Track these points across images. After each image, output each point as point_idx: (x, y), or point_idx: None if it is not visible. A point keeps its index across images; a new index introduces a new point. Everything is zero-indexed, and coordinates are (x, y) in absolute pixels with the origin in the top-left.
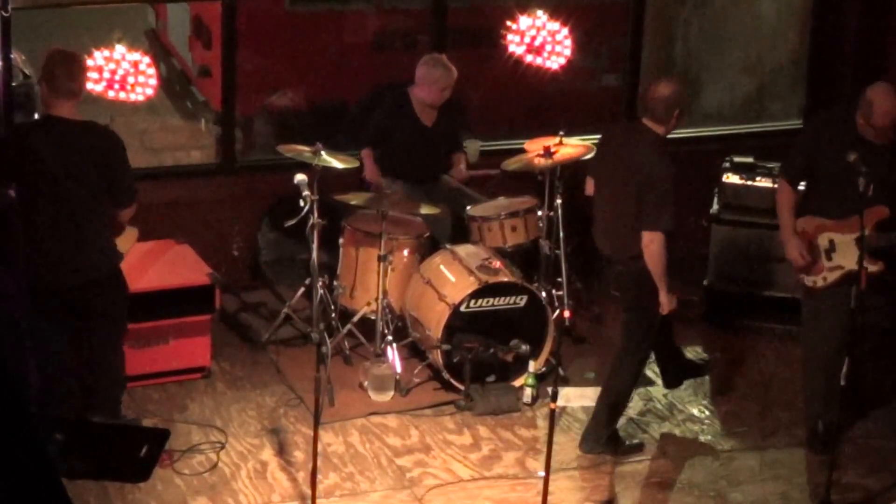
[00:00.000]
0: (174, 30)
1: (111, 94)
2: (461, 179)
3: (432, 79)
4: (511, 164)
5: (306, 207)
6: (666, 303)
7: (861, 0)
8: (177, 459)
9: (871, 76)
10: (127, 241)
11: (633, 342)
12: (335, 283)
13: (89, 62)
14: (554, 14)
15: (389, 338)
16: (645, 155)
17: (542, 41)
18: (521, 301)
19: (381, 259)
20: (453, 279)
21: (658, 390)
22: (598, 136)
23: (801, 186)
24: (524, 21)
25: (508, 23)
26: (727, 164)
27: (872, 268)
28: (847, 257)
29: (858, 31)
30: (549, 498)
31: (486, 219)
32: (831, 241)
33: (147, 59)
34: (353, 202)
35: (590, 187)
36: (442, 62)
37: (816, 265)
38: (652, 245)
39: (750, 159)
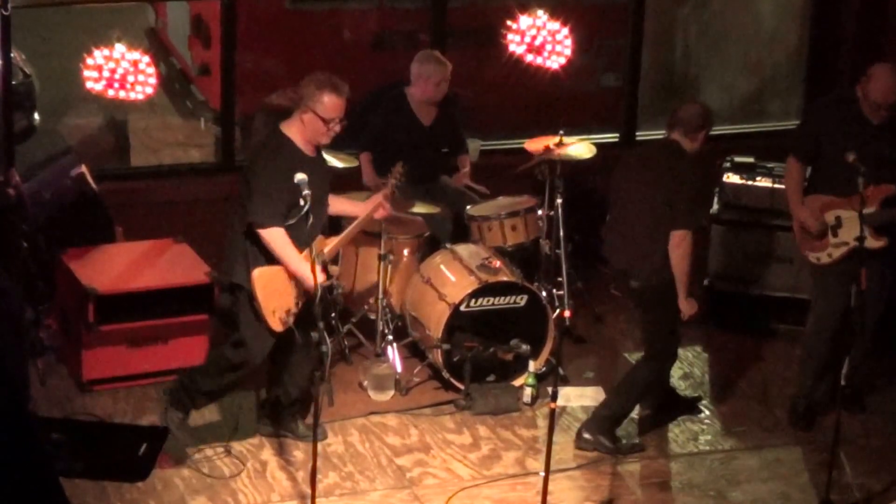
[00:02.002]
0: (174, 28)
1: (111, 92)
2: (459, 184)
3: (426, 74)
4: (521, 169)
5: (306, 207)
6: (686, 308)
7: (859, 1)
8: (180, 462)
9: (864, 72)
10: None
11: (654, 349)
12: (335, 282)
13: (89, 61)
14: (554, 14)
15: (389, 337)
16: (673, 163)
17: (542, 41)
18: (522, 301)
19: (381, 258)
20: (453, 279)
21: None
22: (625, 158)
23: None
24: (524, 21)
25: (509, 22)
26: (727, 164)
27: (877, 243)
28: (853, 233)
29: (857, 31)
30: (549, 498)
31: (486, 218)
32: (838, 218)
33: (147, 58)
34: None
35: None
36: (434, 56)
37: (822, 241)
38: (683, 244)
39: (750, 159)
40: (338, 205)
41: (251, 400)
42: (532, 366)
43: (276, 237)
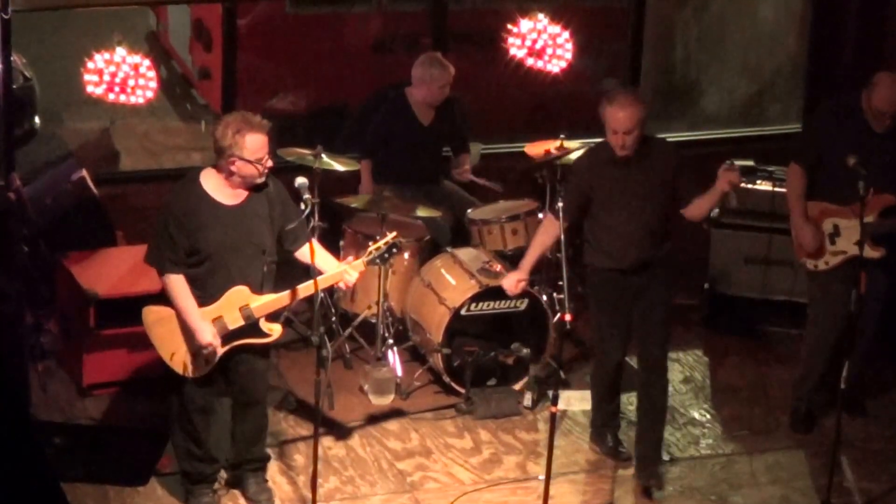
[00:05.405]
0: (175, 32)
1: (111, 96)
2: (462, 180)
3: (430, 78)
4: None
5: (307, 210)
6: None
7: (859, 4)
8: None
9: (869, 79)
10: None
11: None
12: (341, 287)
13: (90, 65)
14: (555, 17)
15: (390, 341)
16: (670, 152)
17: (542, 44)
18: (522, 304)
19: (383, 264)
20: (454, 282)
21: None
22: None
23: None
24: (525, 24)
25: (509, 26)
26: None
27: (874, 253)
28: (850, 242)
29: (857, 34)
30: (550, 502)
31: (486, 222)
32: (836, 226)
33: (147, 62)
34: (353, 205)
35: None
36: (438, 60)
37: (819, 248)
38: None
39: (750, 162)
40: (310, 257)
41: None
42: (533, 369)
43: (173, 285)
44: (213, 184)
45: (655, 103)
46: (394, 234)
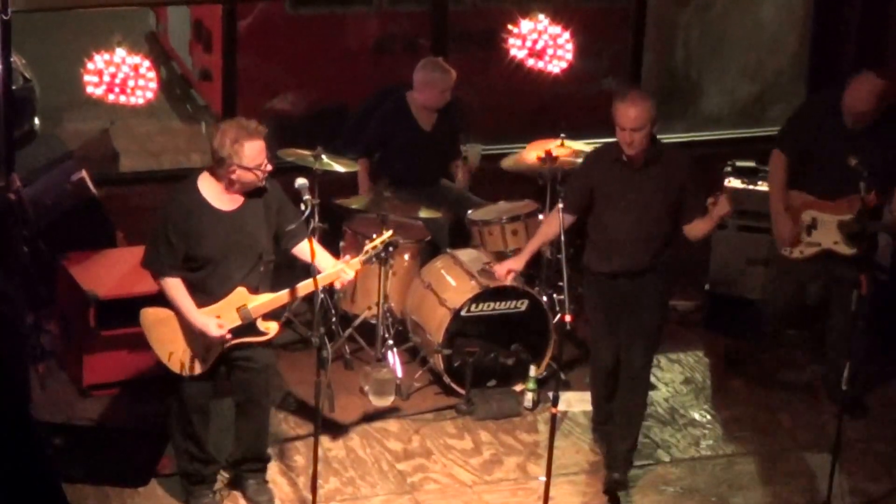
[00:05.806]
0: (175, 33)
1: (111, 97)
2: (462, 187)
3: (432, 82)
4: (507, 163)
5: (307, 211)
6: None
7: (861, 4)
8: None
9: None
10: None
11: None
12: (336, 287)
13: (90, 65)
14: (555, 18)
15: (390, 342)
16: (682, 164)
17: (543, 45)
18: (523, 305)
19: (381, 263)
20: (454, 283)
21: (659, 395)
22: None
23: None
24: (525, 25)
25: (510, 26)
26: (729, 169)
27: (849, 251)
28: (826, 236)
29: (858, 35)
30: (550, 502)
31: (487, 223)
32: (814, 219)
33: (147, 63)
34: (353, 206)
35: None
36: (440, 65)
37: (794, 237)
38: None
39: (751, 163)
40: (311, 255)
41: None
42: (533, 370)
43: (172, 287)
44: (210, 189)
45: (656, 104)
46: (390, 231)
